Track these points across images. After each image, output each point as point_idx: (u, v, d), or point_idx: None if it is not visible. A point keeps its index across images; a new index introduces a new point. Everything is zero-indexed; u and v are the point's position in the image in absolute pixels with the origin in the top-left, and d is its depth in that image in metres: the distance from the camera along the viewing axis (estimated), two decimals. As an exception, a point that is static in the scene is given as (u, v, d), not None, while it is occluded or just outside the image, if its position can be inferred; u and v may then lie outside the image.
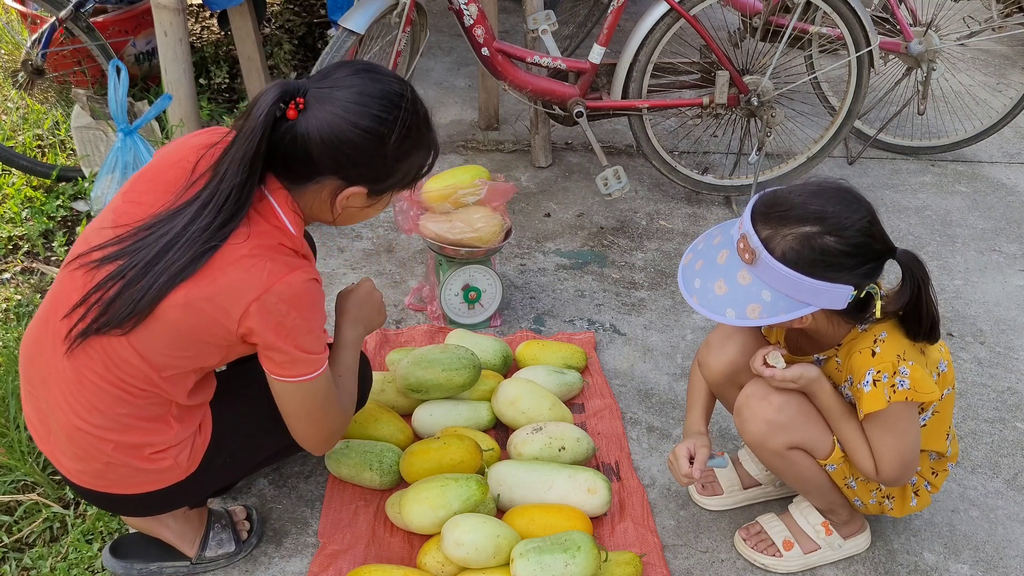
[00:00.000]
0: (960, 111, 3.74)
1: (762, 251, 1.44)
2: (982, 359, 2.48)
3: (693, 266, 1.56)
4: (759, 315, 1.46)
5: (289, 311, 1.38)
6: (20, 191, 2.87)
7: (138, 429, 1.46)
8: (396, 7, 2.64)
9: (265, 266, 1.37)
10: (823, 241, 1.44)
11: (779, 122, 2.96)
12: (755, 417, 1.65)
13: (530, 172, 3.29)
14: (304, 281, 1.40)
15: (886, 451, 1.59)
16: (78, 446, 1.48)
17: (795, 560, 1.82)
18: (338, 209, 1.46)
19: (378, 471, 1.89)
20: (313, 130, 1.37)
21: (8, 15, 3.78)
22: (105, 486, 1.52)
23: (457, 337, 2.28)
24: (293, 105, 1.36)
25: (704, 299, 1.51)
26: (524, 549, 1.65)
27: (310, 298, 1.41)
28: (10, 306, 2.44)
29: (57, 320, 1.42)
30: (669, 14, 2.78)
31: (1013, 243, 3.05)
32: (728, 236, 1.53)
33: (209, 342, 1.42)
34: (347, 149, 1.39)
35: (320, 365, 1.47)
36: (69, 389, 1.45)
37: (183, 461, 1.52)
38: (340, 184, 1.43)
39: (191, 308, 1.36)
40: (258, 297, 1.36)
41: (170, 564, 1.72)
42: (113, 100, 2.53)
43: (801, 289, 1.45)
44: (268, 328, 1.38)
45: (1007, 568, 1.87)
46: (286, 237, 1.43)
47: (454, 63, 4.10)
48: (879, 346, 1.55)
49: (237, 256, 1.36)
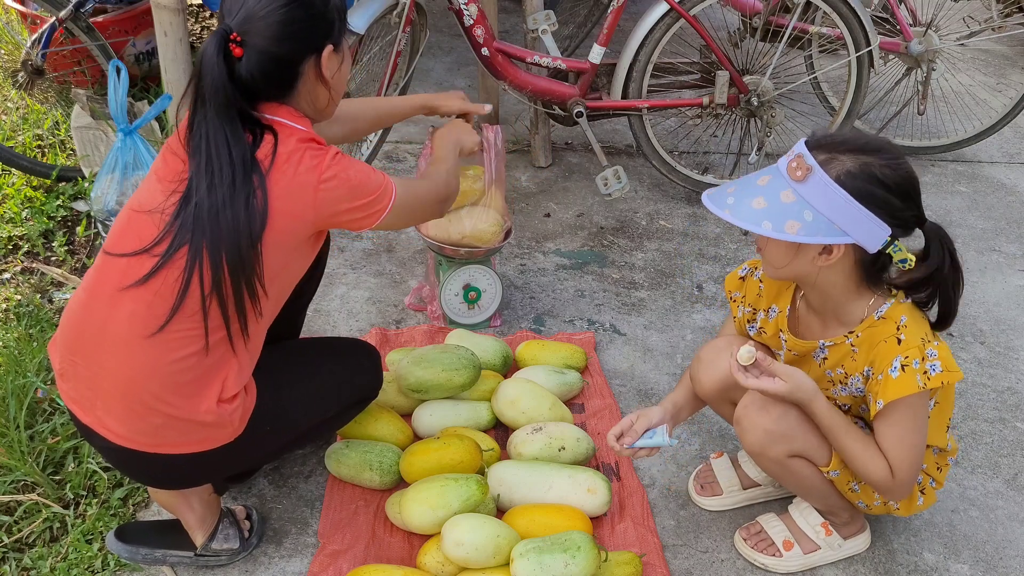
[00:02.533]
0: (960, 111, 3.74)
1: (817, 168, 1.45)
2: (982, 359, 2.48)
3: (725, 190, 1.56)
4: (797, 231, 1.46)
5: (347, 171, 1.54)
6: (20, 191, 2.87)
7: (202, 372, 1.51)
8: (396, 7, 2.64)
9: (309, 152, 1.52)
10: (880, 171, 1.45)
11: (779, 122, 2.97)
12: (754, 427, 1.65)
13: (530, 172, 3.29)
14: (335, 155, 1.55)
15: (904, 447, 1.56)
16: (135, 401, 1.50)
17: (795, 560, 1.81)
18: (327, 80, 1.58)
19: (378, 471, 1.89)
20: (262, 41, 1.47)
21: (8, 15, 3.78)
22: (156, 445, 1.53)
23: (457, 337, 2.28)
24: (233, 45, 1.46)
25: (738, 211, 1.50)
26: (524, 549, 1.65)
27: (349, 158, 1.57)
28: (10, 306, 2.44)
29: (124, 261, 1.49)
30: (669, 14, 2.78)
31: (1013, 243, 3.05)
32: (768, 169, 1.55)
33: (296, 241, 1.55)
34: (293, 27, 1.49)
35: (391, 186, 1.63)
36: (134, 336, 1.48)
37: (236, 419, 1.57)
38: (314, 58, 1.54)
39: (274, 213, 1.48)
40: (319, 179, 1.51)
41: (175, 553, 1.74)
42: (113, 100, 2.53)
43: (846, 215, 1.45)
44: (343, 197, 1.55)
45: (1007, 568, 1.87)
46: (305, 135, 1.55)
47: (454, 63, 4.10)
48: (903, 332, 1.53)
49: (284, 154, 1.49)
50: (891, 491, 1.62)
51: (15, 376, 2.02)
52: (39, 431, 2.00)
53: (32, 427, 1.99)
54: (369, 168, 1.63)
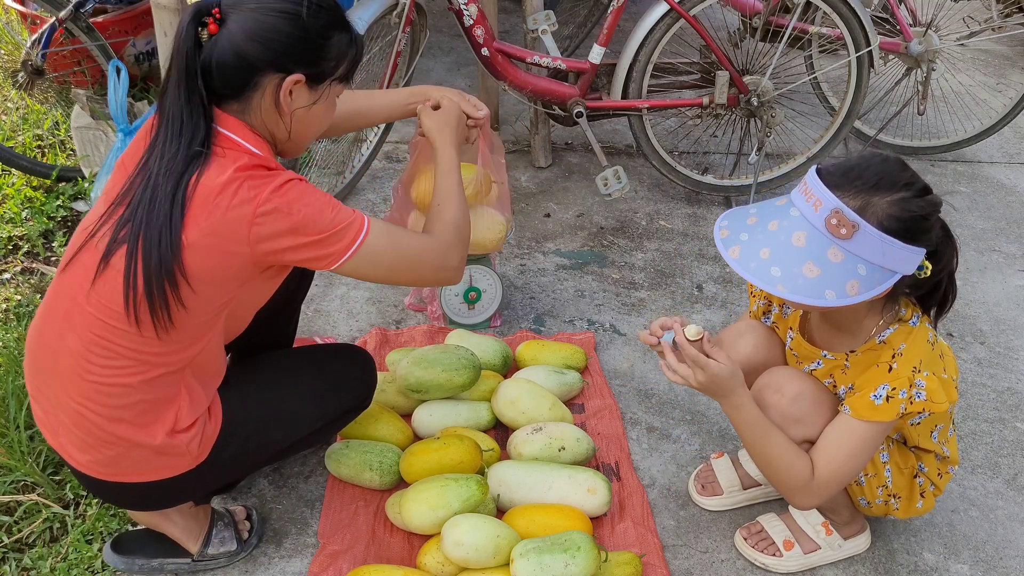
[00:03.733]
0: (960, 111, 3.74)
1: (863, 223, 1.40)
2: (982, 359, 2.48)
3: (757, 255, 1.45)
4: (858, 290, 1.42)
5: (291, 204, 1.41)
6: (20, 191, 2.87)
7: (149, 409, 1.47)
8: (396, 7, 2.64)
9: (248, 183, 1.39)
10: (918, 204, 1.43)
11: (779, 122, 2.96)
12: (769, 410, 1.63)
13: (530, 172, 3.29)
14: (288, 180, 1.43)
15: (842, 457, 1.55)
16: (86, 433, 1.48)
17: (795, 560, 1.81)
18: (284, 108, 1.46)
19: (378, 471, 1.89)
20: (237, 30, 1.40)
21: (8, 15, 3.78)
22: (115, 475, 1.52)
23: (457, 337, 2.28)
24: (211, 20, 1.39)
25: (794, 286, 1.43)
26: (524, 549, 1.65)
27: (298, 190, 1.43)
28: (10, 306, 2.44)
29: (70, 294, 1.45)
30: (669, 14, 2.78)
31: (1013, 243, 3.05)
32: (789, 218, 1.46)
33: (233, 275, 1.44)
34: (270, 34, 1.41)
35: (359, 227, 1.48)
36: (78, 372, 1.45)
37: (194, 448, 1.52)
38: (278, 78, 1.44)
39: (196, 248, 1.38)
40: (256, 210, 1.38)
41: (172, 561, 1.73)
42: (113, 100, 2.53)
43: (897, 258, 1.43)
44: (284, 232, 1.41)
45: (1007, 568, 1.87)
46: (254, 157, 1.44)
47: (454, 63, 4.10)
48: (896, 361, 1.53)
49: (219, 185, 1.38)
50: (805, 493, 1.59)
51: (15, 376, 2.02)
52: (39, 431, 2.00)
53: (32, 427, 1.99)
54: (329, 203, 1.46)
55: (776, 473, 1.60)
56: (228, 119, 1.45)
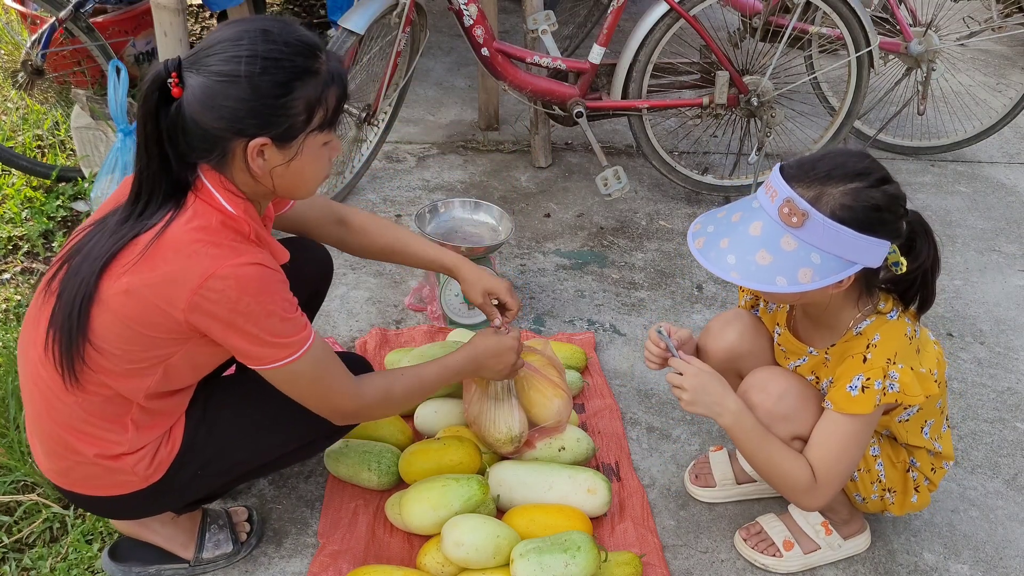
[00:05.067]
0: (960, 111, 3.74)
1: (812, 211, 1.43)
2: (982, 359, 2.48)
3: (717, 244, 1.51)
4: (811, 279, 1.44)
5: (240, 297, 1.34)
6: (20, 191, 2.87)
7: (92, 427, 1.46)
8: (396, 7, 2.64)
9: (208, 251, 1.33)
10: (872, 194, 1.44)
11: (779, 122, 2.97)
12: (755, 409, 1.64)
13: (530, 172, 3.29)
14: (248, 264, 1.34)
15: (835, 454, 1.57)
16: (43, 441, 1.50)
17: (795, 560, 1.81)
18: (256, 171, 1.37)
19: (376, 471, 1.89)
20: (191, 97, 1.31)
21: (8, 15, 3.78)
22: (72, 485, 1.52)
23: (457, 337, 2.28)
24: (173, 85, 1.31)
25: (746, 272, 1.47)
26: (524, 549, 1.65)
27: (259, 281, 1.35)
28: (10, 306, 2.44)
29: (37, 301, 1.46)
30: (669, 14, 2.78)
31: (1013, 243, 3.05)
32: (750, 210, 1.51)
33: (159, 335, 1.39)
34: (220, 100, 1.31)
35: (296, 348, 1.41)
36: (33, 378, 1.47)
37: (141, 470, 1.49)
38: (243, 142, 1.35)
39: (133, 296, 1.35)
40: (201, 284, 1.32)
41: (169, 567, 1.72)
42: (113, 100, 2.53)
43: (852, 247, 1.44)
44: (220, 318, 1.34)
45: (1007, 568, 1.87)
46: (228, 218, 1.38)
47: (454, 63, 4.10)
48: (871, 352, 1.55)
49: (181, 242, 1.34)
50: (810, 495, 1.61)
51: (15, 376, 2.01)
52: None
53: (32, 427, 1.99)
54: (283, 310, 1.38)
55: (780, 480, 1.62)
56: (212, 175, 1.39)
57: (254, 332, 1.37)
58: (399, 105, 3.08)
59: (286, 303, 1.40)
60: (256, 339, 1.38)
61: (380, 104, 2.87)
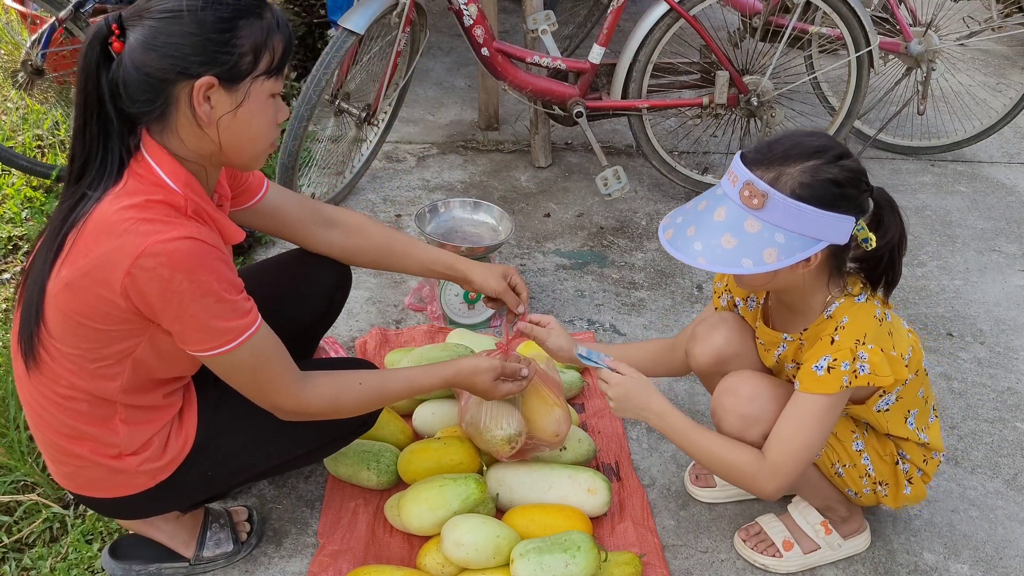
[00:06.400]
0: (960, 111, 3.74)
1: (772, 191, 1.44)
2: (982, 359, 2.48)
3: (684, 233, 1.53)
4: (776, 258, 1.45)
5: (173, 275, 1.26)
6: (20, 191, 2.87)
7: (83, 433, 1.45)
8: (396, 7, 2.64)
9: (138, 228, 1.26)
10: (831, 171, 1.45)
11: (779, 122, 2.97)
12: (728, 413, 1.66)
13: (530, 172, 3.29)
14: (180, 238, 1.26)
15: (792, 433, 1.56)
16: (45, 448, 1.51)
17: (795, 560, 1.82)
18: (202, 117, 1.31)
19: (375, 471, 1.89)
20: (135, 43, 1.27)
21: (8, 15, 3.78)
22: (80, 488, 1.52)
23: (457, 337, 2.28)
24: (114, 38, 1.27)
25: (712, 256, 1.48)
26: (524, 549, 1.65)
27: (193, 257, 1.27)
28: (10, 306, 2.44)
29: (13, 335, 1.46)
30: (669, 14, 2.78)
31: (1013, 243, 3.05)
32: (715, 197, 1.53)
33: (110, 327, 1.33)
34: (164, 38, 1.27)
35: (235, 336, 1.33)
36: (24, 391, 1.47)
37: (147, 468, 1.48)
38: (188, 86, 1.29)
39: (73, 287, 1.30)
40: (133, 262, 1.25)
41: (169, 565, 1.72)
42: (113, 100, 2.52)
43: (815, 225, 1.45)
44: (154, 297, 1.27)
45: (1007, 568, 1.87)
46: (165, 192, 1.31)
47: (454, 63, 4.11)
48: (838, 334, 1.55)
49: (111, 221, 1.27)
50: (762, 478, 1.59)
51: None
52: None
53: (32, 427, 2.00)
54: (222, 290, 1.30)
55: (726, 470, 1.63)
56: (152, 145, 1.33)
57: (189, 313, 1.29)
58: (399, 105, 3.08)
59: (225, 283, 1.31)
60: (192, 321, 1.30)
61: (380, 104, 2.87)
